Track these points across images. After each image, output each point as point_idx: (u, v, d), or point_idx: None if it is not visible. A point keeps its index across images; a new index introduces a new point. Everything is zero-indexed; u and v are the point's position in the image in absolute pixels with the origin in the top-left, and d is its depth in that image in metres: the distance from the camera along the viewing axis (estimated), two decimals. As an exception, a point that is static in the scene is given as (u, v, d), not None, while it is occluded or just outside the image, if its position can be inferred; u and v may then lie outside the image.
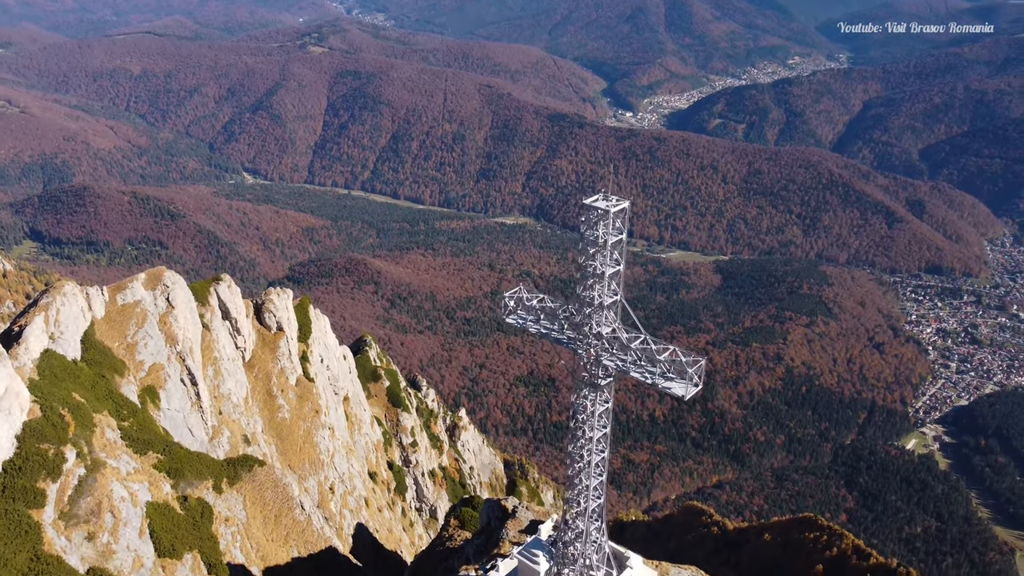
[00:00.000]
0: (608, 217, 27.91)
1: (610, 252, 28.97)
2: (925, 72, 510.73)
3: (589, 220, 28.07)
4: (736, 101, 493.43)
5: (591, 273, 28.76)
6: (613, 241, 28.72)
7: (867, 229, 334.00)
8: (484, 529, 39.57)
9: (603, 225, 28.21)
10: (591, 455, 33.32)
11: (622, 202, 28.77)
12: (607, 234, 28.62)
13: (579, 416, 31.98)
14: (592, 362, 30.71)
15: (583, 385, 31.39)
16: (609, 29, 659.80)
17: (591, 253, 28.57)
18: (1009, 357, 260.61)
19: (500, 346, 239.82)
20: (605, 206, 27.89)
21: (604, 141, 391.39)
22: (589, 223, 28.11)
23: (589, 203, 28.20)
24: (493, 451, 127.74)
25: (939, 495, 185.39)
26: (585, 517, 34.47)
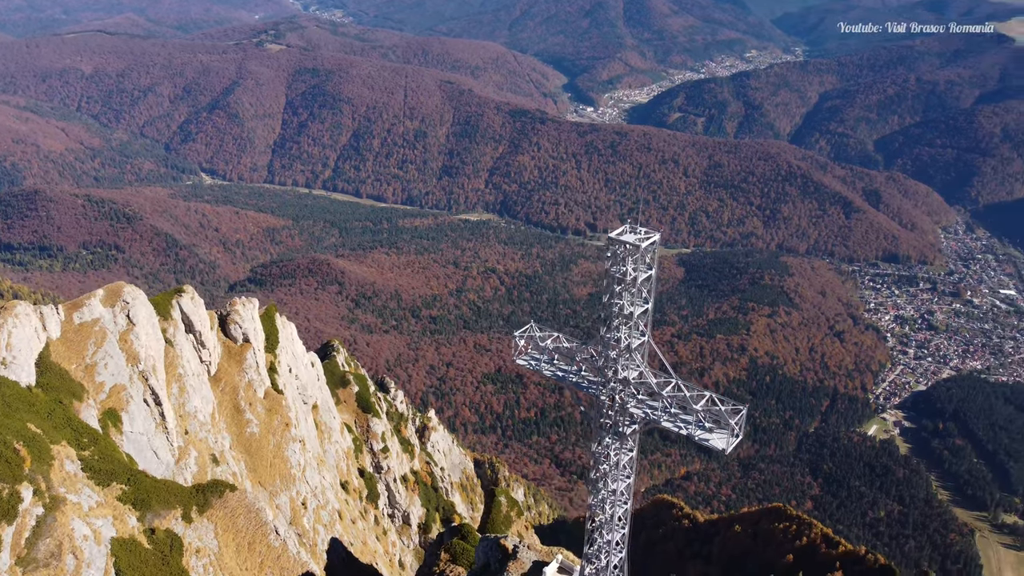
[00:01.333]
0: (638, 252, 26.04)
1: (639, 290, 27.00)
2: (878, 64, 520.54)
3: (616, 256, 26.10)
4: (695, 95, 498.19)
5: (617, 313, 26.68)
6: (643, 278, 26.83)
7: (825, 219, 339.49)
8: (483, 571, 37.69)
9: (631, 261, 26.33)
10: (614, 507, 30.66)
11: (652, 234, 26.80)
12: (637, 271, 26.58)
13: (601, 467, 29.50)
14: (617, 410, 28.64)
15: (605, 434, 29.21)
16: (569, 24, 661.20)
17: (617, 291, 26.53)
18: (964, 342, 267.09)
19: (467, 344, 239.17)
20: (635, 240, 25.85)
21: (566, 136, 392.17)
22: (616, 259, 26.11)
23: (616, 237, 26.17)
24: (463, 451, 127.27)
25: (900, 479, 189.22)
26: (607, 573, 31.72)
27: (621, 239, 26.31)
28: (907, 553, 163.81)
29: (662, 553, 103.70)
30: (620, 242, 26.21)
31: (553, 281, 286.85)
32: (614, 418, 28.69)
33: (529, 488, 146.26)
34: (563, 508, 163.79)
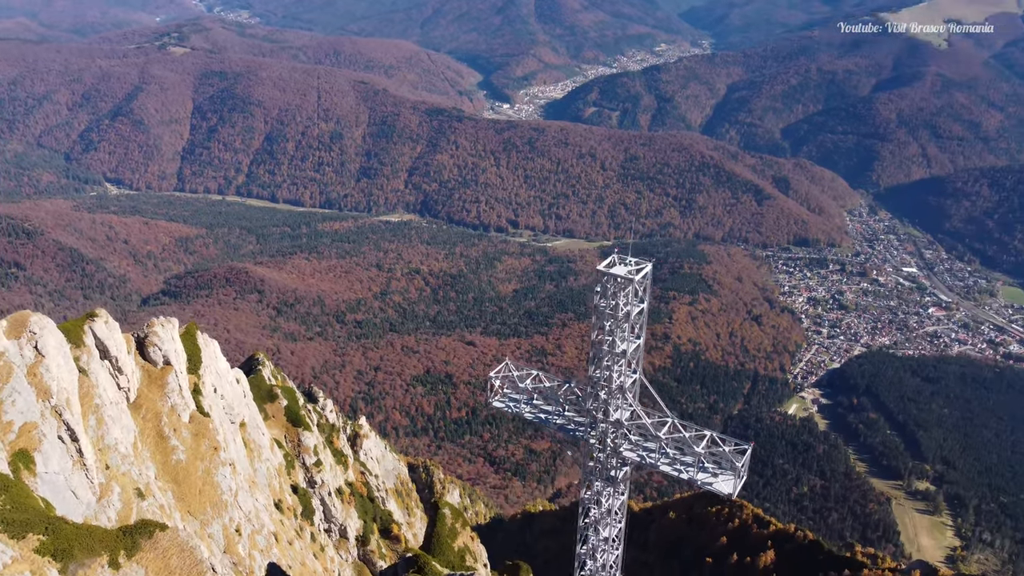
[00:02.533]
0: (631, 285, 24.40)
1: (631, 325, 25.32)
2: (781, 55, 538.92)
3: (606, 290, 24.46)
4: (609, 89, 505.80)
5: (607, 351, 24.91)
6: (636, 312, 25.21)
7: (739, 207, 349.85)
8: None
9: (624, 295, 24.69)
10: (605, 555, 28.41)
11: (644, 264, 25.21)
12: (629, 304, 24.91)
13: (591, 514, 27.34)
14: (608, 454, 26.72)
15: (595, 478, 27.34)
16: (481, 22, 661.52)
17: (608, 328, 24.79)
18: (873, 320, 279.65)
19: (394, 347, 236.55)
20: (627, 273, 24.15)
21: (484, 134, 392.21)
22: (606, 293, 24.48)
23: (606, 270, 24.49)
24: (396, 456, 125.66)
25: (821, 455, 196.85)
26: None
27: (612, 272, 24.47)
28: (831, 525, 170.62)
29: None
30: (611, 276, 24.26)
31: (478, 279, 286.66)
32: (605, 462, 26.64)
33: (465, 489, 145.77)
34: (499, 506, 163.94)
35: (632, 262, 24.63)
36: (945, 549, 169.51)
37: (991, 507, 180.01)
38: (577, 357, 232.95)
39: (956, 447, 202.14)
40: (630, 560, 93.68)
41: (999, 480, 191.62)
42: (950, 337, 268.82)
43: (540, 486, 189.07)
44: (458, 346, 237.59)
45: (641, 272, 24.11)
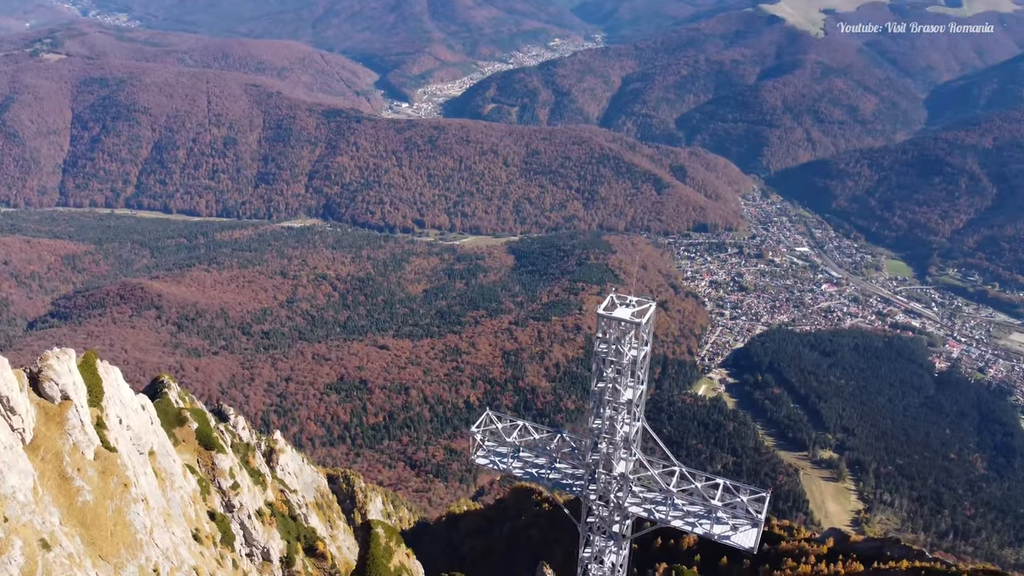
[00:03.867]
0: (636, 329, 22.37)
1: (635, 371, 23.79)
2: (671, 47, 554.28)
3: (608, 336, 22.84)
4: (507, 85, 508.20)
5: (610, 400, 23.21)
6: (641, 356, 23.32)
7: (639, 197, 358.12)
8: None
9: (628, 340, 22.61)
10: None
11: (647, 302, 23.29)
12: (633, 348, 23.12)
13: (592, 574, 24.85)
14: (612, 509, 25.06)
15: (595, 535, 25.21)
16: (375, 20, 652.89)
17: (611, 375, 22.99)
18: (771, 299, 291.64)
19: (305, 355, 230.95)
20: (631, 316, 22.39)
21: (384, 134, 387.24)
22: (608, 339, 22.72)
23: (607, 313, 22.39)
24: (314, 468, 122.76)
25: (731, 432, 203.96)
26: None
27: (615, 316, 22.34)
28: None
29: (527, 540, 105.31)
30: (615, 320, 22.28)
31: (387, 281, 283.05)
32: (608, 519, 24.50)
33: (387, 495, 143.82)
34: (423, 510, 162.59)
35: (633, 302, 23.26)
36: (850, 513, 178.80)
37: (889, 469, 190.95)
38: (491, 354, 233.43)
39: (854, 415, 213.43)
40: (562, 557, 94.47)
41: (894, 443, 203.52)
42: (842, 311, 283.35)
43: (463, 485, 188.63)
44: (371, 350, 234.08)
45: (646, 315, 22.47)
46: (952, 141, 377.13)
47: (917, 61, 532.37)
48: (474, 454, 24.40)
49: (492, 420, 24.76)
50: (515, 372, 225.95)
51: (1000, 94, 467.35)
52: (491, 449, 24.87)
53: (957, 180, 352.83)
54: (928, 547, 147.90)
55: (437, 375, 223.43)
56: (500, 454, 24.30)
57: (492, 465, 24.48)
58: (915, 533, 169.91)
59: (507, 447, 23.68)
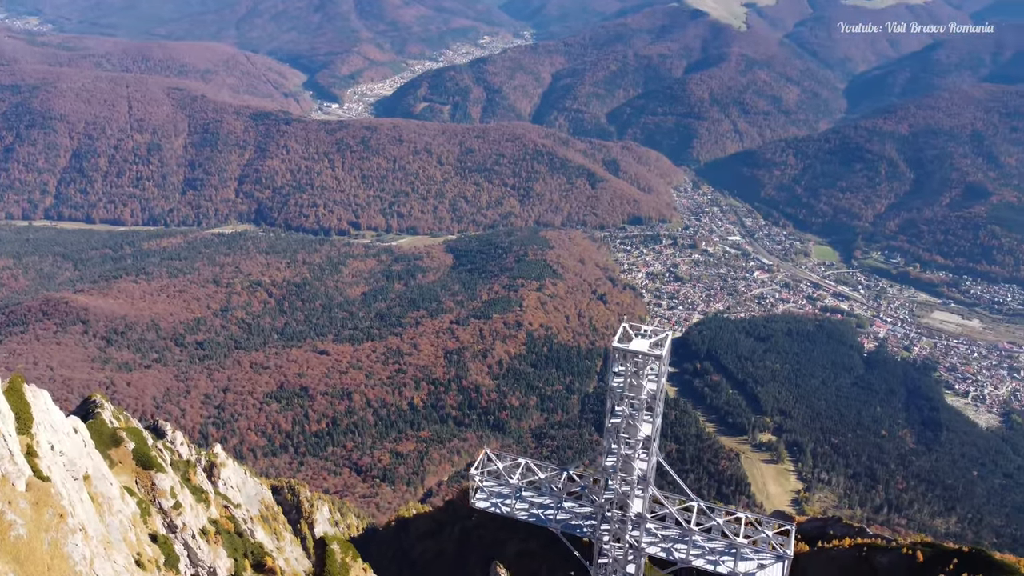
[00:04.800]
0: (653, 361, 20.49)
1: (651, 405, 22.01)
2: (600, 43, 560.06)
3: (626, 370, 21.26)
4: (438, 83, 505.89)
5: (626, 437, 21.57)
6: (659, 389, 22.08)
7: (574, 192, 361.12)
8: None
9: (645, 373, 20.70)
10: None
11: (662, 331, 22.06)
12: (652, 381, 21.13)
13: None
14: (627, 550, 23.30)
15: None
16: (300, 20, 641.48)
17: (628, 413, 21.13)
18: (706, 288, 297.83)
19: (242, 365, 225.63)
20: (651, 348, 20.79)
21: (315, 136, 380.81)
22: (626, 373, 21.03)
23: (625, 347, 20.80)
24: (257, 480, 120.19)
25: (673, 420, 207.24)
26: None
27: (633, 350, 20.87)
28: (689, 486, 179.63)
29: (478, 540, 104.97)
30: (633, 353, 20.64)
31: (324, 286, 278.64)
32: (622, 560, 22.63)
33: (334, 503, 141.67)
34: (371, 515, 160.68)
35: (649, 332, 22.12)
36: (791, 493, 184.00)
37: (825, 449, 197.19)
38: (433, 354, 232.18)
39: (790, 398, 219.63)
40: (514, 555, 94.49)
41: (829, 423, 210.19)
42: (775, 297, 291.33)
43: (410, 488, 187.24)
44: (310, 356, 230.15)
45: (664, 346, 20.91)
46: (871, 129, 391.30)
47: (835, 52, 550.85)
48: (473, 498, 22.91)
49: (491, 460, 23.35)
50: (458, 371, 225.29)
51: (913, 83, 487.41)
52: (491, 491, 23.39)
53: (877, 166, 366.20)
54: (865, 522, 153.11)
55: (379, 378, 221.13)
56: (501, 495, 22.73)
57: (494, 508, 22.92)
58: (852, 509, 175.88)
59: (509, 489, 21.96)
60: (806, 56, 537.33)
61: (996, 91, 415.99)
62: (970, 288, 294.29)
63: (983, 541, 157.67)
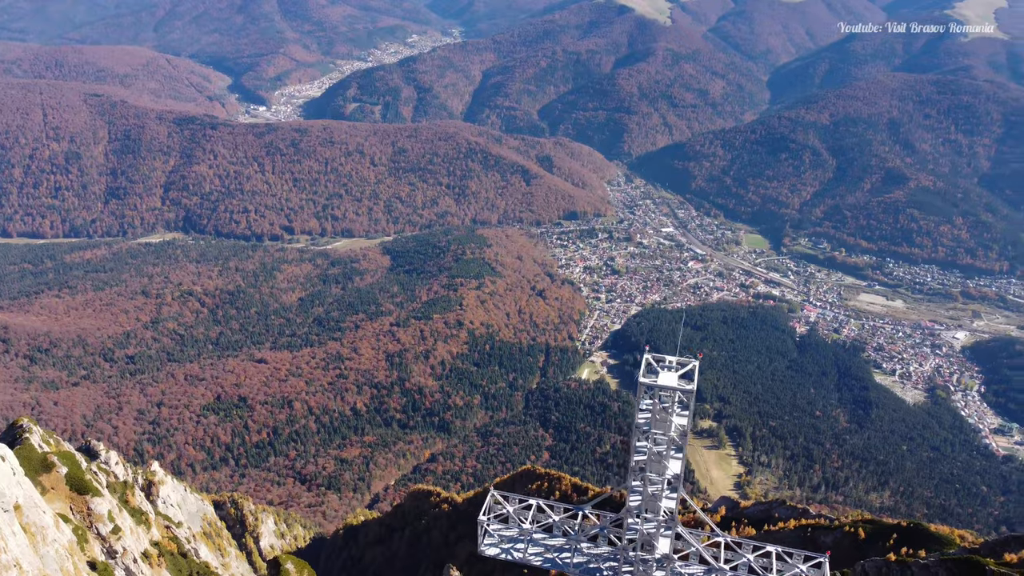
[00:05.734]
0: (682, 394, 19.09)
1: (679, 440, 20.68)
2: (528, 40, 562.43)
3: (654, 406, 19.64)
4: (367, 83, 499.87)
5: (655, 475, 20.07)
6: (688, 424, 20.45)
7: (509, 189, 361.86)
8: None
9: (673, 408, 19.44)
10: None
11: (689, 360, 20.54)
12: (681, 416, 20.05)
13: None
14: None
15: None
16: (222, 22, 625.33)
17: (656, 450, 19.99)
18: (642, 280, 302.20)
19: (176, 378, 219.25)
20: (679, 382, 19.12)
21: (243, 139, 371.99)
22: (655, 408, 19.57)
23: (653, 382, 19.38)
24: (198, 496, 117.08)
25: (616, 412, 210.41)
26: None
27: (662, 385, 19.49)
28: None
29: (429, 543, 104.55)
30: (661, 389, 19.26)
31: (259, 292, 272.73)
32: None
33: (279, 514, 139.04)
34: (318, 525, 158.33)
35: (674, 363, 20.45)
36: (733, 477, 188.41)
37: (763, 432, 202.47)
38: (375, 358, 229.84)
39: (728, 384, 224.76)
40: (466, 556, 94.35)
41: (766, 407, 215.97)
42: (709, 286, 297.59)
43: (357, 495, 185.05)
44: (248, 366, 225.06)
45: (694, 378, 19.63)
46: (794, 119, 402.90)
47: (757, 45, 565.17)
48: (482, 544, 21.50)
49: (499, 501, 21.91)
50: (400, 374, 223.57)
51: (832, 73, 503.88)
52: (500, 535, 21.99)
53: (801, 155, 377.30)
54: (804, 501, 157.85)
55: (320, 384, 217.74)
56: (512, 539, 21.30)
57: (505, 555, 21.34)
58: (791, 489, 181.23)
59: (520, 532, 20.67)
60: (730, 49, 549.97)
61: (909, 80, 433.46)
62: (893, 270, 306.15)
63: (915, 513, 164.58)
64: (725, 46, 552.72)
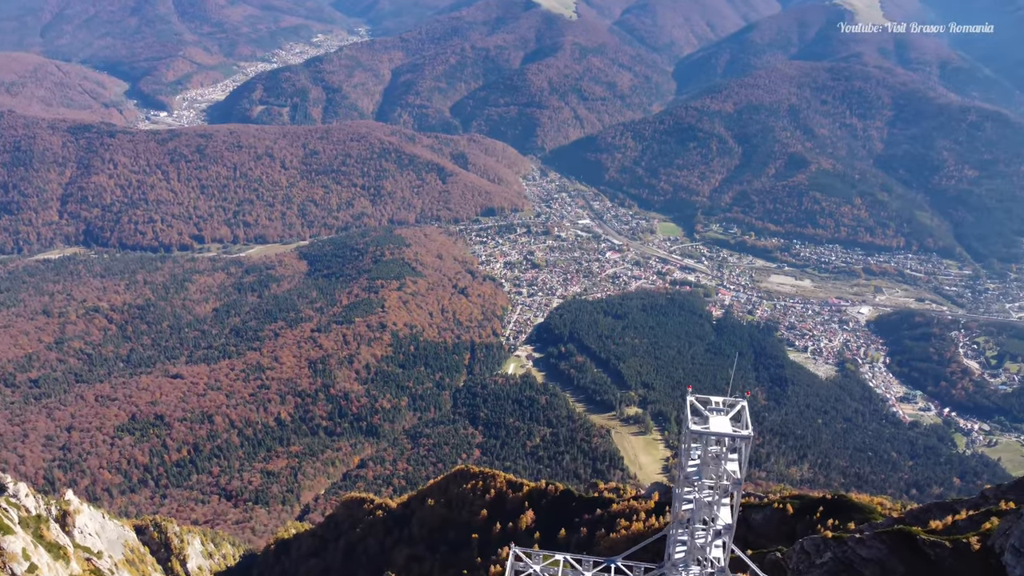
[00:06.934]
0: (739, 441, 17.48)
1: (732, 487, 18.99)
2: (436, 37, 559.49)
3: (705, 456, 18.07)
4: (273, 85, 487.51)
5: (707, 526, 18.58)
6: (743, 469, 18.79)
7: (425, 188, 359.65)
8: None
9: (727, 454, 18.01)
10: None
11: (736, 400, 19.06)
12: (736, 462, 18.56)
13: None
14: None
15: None
16: (115, 25, 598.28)
17: (707, 501, 18.28)
18: (562, 272, 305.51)
19: (86, 399, 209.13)
20: (735, 429, 17.40)
21: (145, 147, 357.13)
22: (705, 460, 18.01)
23: (704, 429, 17.81)
24: (118, 522, 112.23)
25: (544, 405, 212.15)
26: None
27: (717, 432, 17.78)
28: (566, 467, 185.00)
29: (365, 552, 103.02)
30: (717, 436, 17.62)
31: (170, 305, 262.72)
32: None
33: (206, 534, 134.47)
34: (248, 541, 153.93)
35: (721, 404, 19.06)
36: (661, 461, 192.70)
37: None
38: (297, 365, 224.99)
39: (650, 370, 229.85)
40: (403, 560, 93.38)
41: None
42: (627, 275, 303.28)
43: (286, 507, 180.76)
44: (163, 382, 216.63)
45: (748, 424, 18.42)
46: (700, 109, 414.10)
47: (661, 37, 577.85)
48: None
49: (522, 559, 20.10)
50: (325, 380, 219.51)
51: (733, 63, 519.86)
52: None
53: (709, 144, 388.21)
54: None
55: (241, 397, 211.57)
56: None
57: None
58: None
59: None
60: (635, 42, 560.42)
61: (806, 67, 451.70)
62: (800, 251, 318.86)
63: (833, 483, 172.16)
64: (630, 39, 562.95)
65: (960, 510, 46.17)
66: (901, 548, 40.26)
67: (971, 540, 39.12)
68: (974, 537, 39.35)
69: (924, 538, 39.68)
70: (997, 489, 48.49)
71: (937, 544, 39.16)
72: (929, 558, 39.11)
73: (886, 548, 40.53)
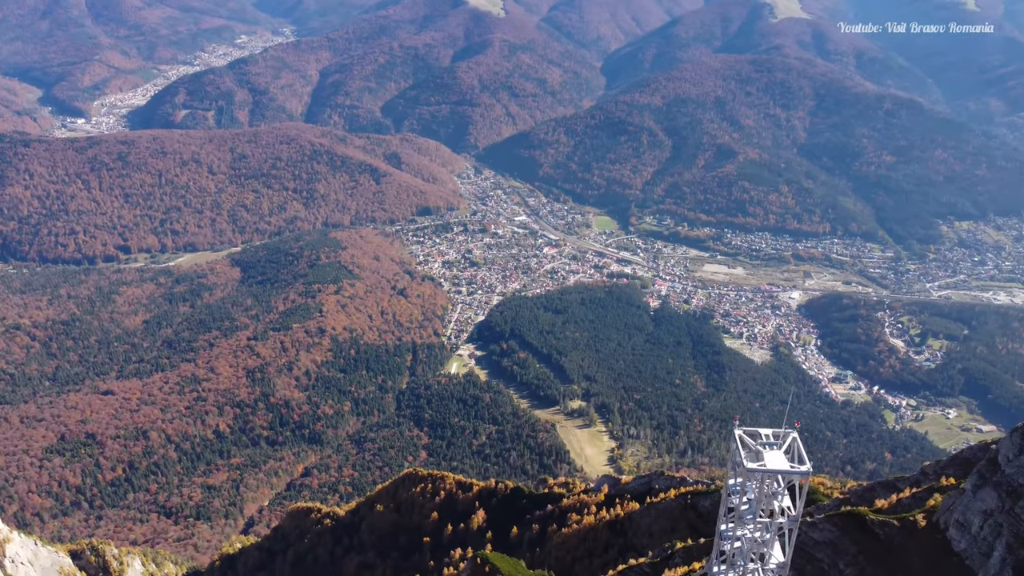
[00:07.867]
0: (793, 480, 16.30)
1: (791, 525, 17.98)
2: (364, 36, 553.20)
3: (761, 496, 16.67)
4: (197, 88, 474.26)
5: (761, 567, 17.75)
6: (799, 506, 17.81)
7: (359, 189, 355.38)
8: None
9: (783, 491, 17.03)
10: None
11: (788, 433, 17.91)
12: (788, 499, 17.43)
13: None
14: None
15: None
16: (24, 29, 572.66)
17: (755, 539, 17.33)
18: (501, 270, 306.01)
19: (11, 421, 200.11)
20: (792, 465, 16.32)
21: (62, 156, 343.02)
22: (762, 499, 16.75)
23: (761, 467, 16.49)
24: (51, 548, 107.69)
25: (488, 403, 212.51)
26: None
27: (774, 471, 16.44)
28: (513, 463, 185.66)
29: (314, 562, 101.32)
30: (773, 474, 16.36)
31: (98, 319, 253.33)
32: None
33: (146, 554, 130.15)
34: (190, 559, 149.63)
35: (770, 437, 17.89)
36: (606, 453, 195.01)
37: (630, 406, 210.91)
38: (234, 375, 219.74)
39: (592, 363, 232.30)
40: (353, 568, 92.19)
41: (630, 381, 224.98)
42: (565, 270, 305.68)
43: (230, 521, 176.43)
44: (93, 399, 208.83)
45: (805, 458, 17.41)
46: (629, 103, 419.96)
47: (588, 33, 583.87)
48: None
49: None
50: (264, 389, 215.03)
51: (659, 57, 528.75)
52: None
53: (639, 137, 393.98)
54: (674, 467, 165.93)
55: (177, 410, 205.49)
56: None
57: None
58: (660, 457, 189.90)
59: None
60: (563, 38, 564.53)
61: (730, 60, 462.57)
62: (731, 240, 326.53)
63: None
64: (559, 35, 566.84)
65: (903, 488, 48.02)
66: (852, 529, 41.70)
67: (917, 518, 40.74)
68: (920, 514, 40.99)
69: (873, 518, 41.12)
70: (936, 465, 50.55)
71: (886, 524, 40.67)
72: (879, 537, 40.58)
73: (837, 530, 41.91)
